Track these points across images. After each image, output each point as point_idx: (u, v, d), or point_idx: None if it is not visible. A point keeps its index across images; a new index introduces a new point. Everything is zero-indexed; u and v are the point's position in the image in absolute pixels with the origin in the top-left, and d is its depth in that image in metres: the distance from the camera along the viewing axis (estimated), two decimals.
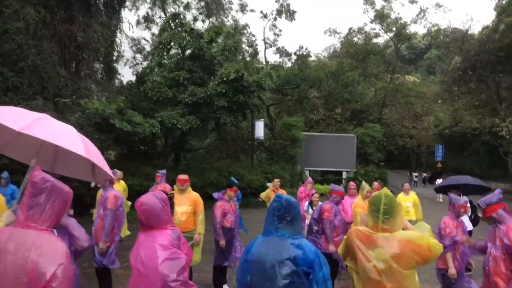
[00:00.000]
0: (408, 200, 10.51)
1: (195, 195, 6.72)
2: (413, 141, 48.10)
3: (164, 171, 9.82)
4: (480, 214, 9.70)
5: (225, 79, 19.18)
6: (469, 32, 40.06)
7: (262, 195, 10.53)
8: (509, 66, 31.61)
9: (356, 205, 8.35)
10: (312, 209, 9.08)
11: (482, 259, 4.57)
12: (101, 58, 21.03)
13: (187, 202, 6.58)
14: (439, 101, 47.75)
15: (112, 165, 16.75)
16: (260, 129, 26.55)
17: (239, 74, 19.16)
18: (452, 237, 5.31)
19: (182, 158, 23.90)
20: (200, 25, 32.93)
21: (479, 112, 36.58)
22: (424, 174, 44.40)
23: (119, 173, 10.15)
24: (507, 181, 33.21)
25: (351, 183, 10.19)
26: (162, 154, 22.10)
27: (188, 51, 21.38)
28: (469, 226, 8.94)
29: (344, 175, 32.79)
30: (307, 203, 9.64)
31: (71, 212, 11.63)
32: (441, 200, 26.19)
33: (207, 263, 7.98)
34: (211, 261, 7.18)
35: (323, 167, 32.05)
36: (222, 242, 6.83)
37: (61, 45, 17.74)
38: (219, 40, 21.80)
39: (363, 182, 9.24)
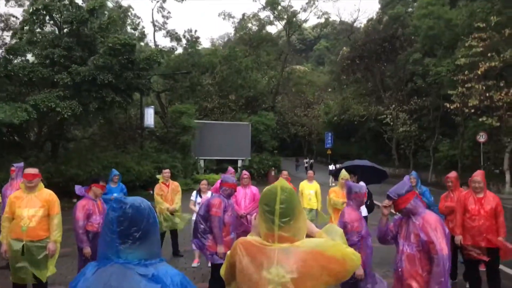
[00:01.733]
0: (311, 188, 10.08)
1: (48, 194, 5.31)
2: (305, 129, 49.51)
3: (21, 164, 8.13)
4: (378, 203, 9.53)
5: (110, 45, 17.15)
6: (356, 23, 41.76)
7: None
8: (392, 56, 33.32)
9: (332, 191, 8.03)
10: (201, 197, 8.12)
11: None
12: None
13: (37, 203, 5.16)
14: (329, 90, 49.55)
15: None
16: (150, 116, 24.89)
17: (129, 43, 17.35)
18: (359, 232, 4.65)
19: (61, 148, 21.49)
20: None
21: (365, 100, 38.39)
22: (311, 161, 46.25)
23: None
24: (391, 165, 35.21)
25: (244, 172, 9.37)
26: (36, 144, 19.56)
27: (66, 28, 19.03)
28: (363, 211, 8.62)
29: (240, 163, 32.33)
30: (194, 192, 8.61)
31: None
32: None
33: (70, 274, 6.70)
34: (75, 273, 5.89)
35: (218, 156, 31.25)
36: (87, 250, 5.56)
37: None
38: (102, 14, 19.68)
39: (343, 170, 8.37)
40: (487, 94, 20.53)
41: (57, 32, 19.60)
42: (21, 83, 17.46)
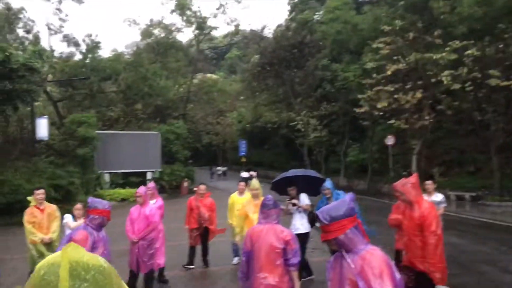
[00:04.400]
0: (242, 202, 8.66)
1: None
2: (219, 138, 48.66)
3: None
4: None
5: None
6: (266, 30, 41.71)
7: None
8: (302, 62, 33.42)
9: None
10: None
11: None
12: None
13: None
14: (241, 98, 49.18)
15: None
16: (43, 127, 22.32)
17: (6, 54, 15.17)
18: None
19: None
20: None
21: (277, 107, 38.31)
22: (224, 168, 46.16)
23: None
24: None
25: (149, 184, 8.11)
26: None
27: None
28: (305, 227, 7.72)
29: (149, 175, 30.44)
30: (68, 215, 7.11)
31: None
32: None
33: None
34: None
35: (124, 169, 29.08)
36: None
37: None
38: None
39: (253, 179, 7.92)
40: (395, 97, 20.88)
41: None
42: None
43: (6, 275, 8.74)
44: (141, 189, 7.15)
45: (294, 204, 7.78)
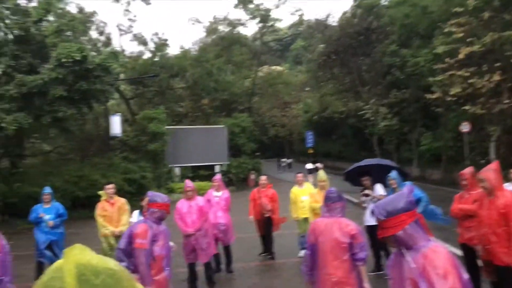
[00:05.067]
0: (303, 194, 8.66)
1: None
2: (285, 130, 48.52)
3: None
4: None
5: (63, 60, 15.73)
6: (331, 17, 40.88)
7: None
8: (368, 49, 32.36)
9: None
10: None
11: None
12: None
13: None
14: (307, 88, 48.63)
15: None
16: (116, 124, 23.36)
17: (83, 54, 15.92)
18: None
19: (19, 165, 19.86)
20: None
21: (344, 96, 37.40)
22: (289, 160, 46.33)
23: None
24: None
25: (216, 177, 8.19)
26: None
27: (11, 35, 17.45)
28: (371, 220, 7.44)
29: (217, 169, 31.00)
30: (136, 212, 7.27)
31: None
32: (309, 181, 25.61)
33: None
34: None
35: (193, 163, 29.81)
36: None
37: None
38: (51, 19, 18.18)
39: (320, 171, 7.94)
40: (469, 81, 19.55)
41: (2, 39, 18.03)
42: None
43: None
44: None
45: (367, 195, 7.47)
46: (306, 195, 8.56)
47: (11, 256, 4.63)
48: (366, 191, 7.51)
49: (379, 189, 7.53)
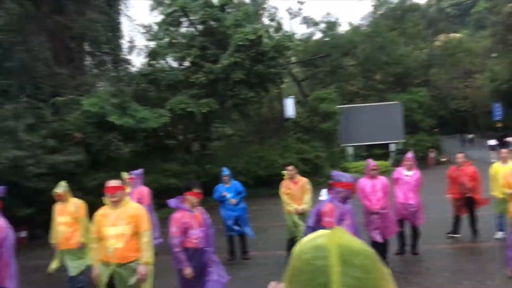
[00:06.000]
0: (505, 171, 7.81)
1: (135, 208, 4.60)
2: (467, 102, 44.23)
3: (139, 171, 7.85)
4: None
5: (240, 43, 16.85)
6: None
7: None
8: None
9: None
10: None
11: None
12: (106, 49, 19.29)
13: (124, 220, 4.48)
14: (493, 55, 43.40)
15: (123, 163, 15.17)
16: (290, 106, 24.14)
17: (258, 35, 16.82)
18: None
19: (209, 147, 21.97)
20: None
21: None
22: (471, 136, 42.68)
23: None
24: None
25: (408, 154, 7.82)
26: (182, 145, 20.25)
27: (200, 27, 19.27)
28: None
29: (392, 147, 29.90)
30: (324, 190, 7.36)
31: None
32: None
33: None
34: None
35: (367, 141, 29.22)
36: (187, 271, 4.73)
37: (53, 40, 16.11)
38: (231, 10, 19.49)
39: None
40: None
41: (192, 32, 19.99)
42: (162, 88, 18.13)
43: (267, 240, 9.75)
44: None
45: None
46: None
47: (213, 229, 5.13)
48: None
49: None
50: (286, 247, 7.68)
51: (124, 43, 21.16)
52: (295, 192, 7.69)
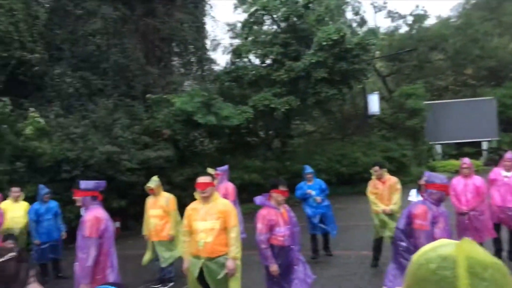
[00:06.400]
0: None
1: (224, 204, 4.72)
2: None
3: (225, 167, 8.07)
4: None
5: (324, 43, 16.71)
6: None
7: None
8: None
9: None
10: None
11: None
12: (192, 49, 19.99)
13: (213, 215, 4.62)
14: None
15: (208, 159, 15.71)
16: (374, 103, 23.46)
17: (341, 34, 16.57)
18: None
19: (290, 144, 22.02)
20: None
21: None
22: None
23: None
24: None
25: (507, 154, 7.28)
26: (264, 142, 20.49)
27: (283, 24, 19.36)
28: None
29: (484, 145, 28.04)
30: (413, 191, 7.09)
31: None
32: None
33: None
34: None
35: (456, 139, 27.65)
36: (273, 268, 4.78)
37: (145, 41, 17.01)
38: (314, 6, 19.30)
39: None
40: None
41: (274, 30, 20.13)
42: (245, 85, 18.46)
43: (350, 240, 9.58)
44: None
45: None
46: None
47: (298, 227, 5.14)
48: None
49: None
50: (372, 248, 7.51)
51: (208, 43, 21.87)
52: (383, 192, 7.45)
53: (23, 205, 7.91)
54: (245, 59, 19.70)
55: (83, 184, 4.58)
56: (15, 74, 12.59)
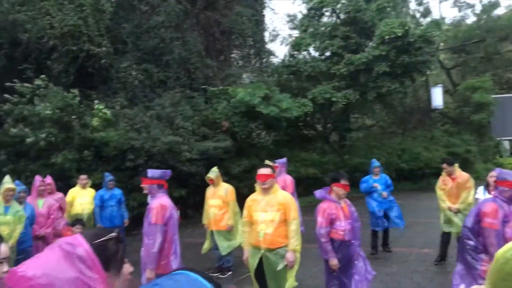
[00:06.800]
0: None
1: (284, 197, 4.74)
2: None
3: (283, 159, 8.07)
4: None
5: (386, 37, 16.30)
6: None
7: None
8: None
9: None
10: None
11: None
12: (251, 42, 20.08)
13: (274, 207, 4.65)
14: None
15: (264, 152, 15.79)
16: (437, 96, 22.55)
17: (405, 28, 16.09)
18: None
19: (349, 138, 21.69)
20: None
21: None
22: None
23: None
24: None
25: None
26: (322, 135, 20.29)
27: (343, 16, 19.04)
28: None
29: None
30: (481, 188, 6.78)
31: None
32: None
33: None
34: None
35: None
36: (333, 262, 4.74)
37: (205, 34, 17.29)
38: None
39: None
40: None
41: (334, 21, 19.82)
42: (304, 78, 18.34)
43: (410, 237, 9.32)
44: None
45: None
46: None
47: (359, 222, 5.08)
48: None
49: None
50: (440, 243, 7.29)
51: (267, 34, 21.89)
52: (451, 189, 7.19)
53: (91, 192, 8.31)
54: (304, 52, 19.54)
55: (150, 172, 4.75)
56: (84, 67, 13.22)
